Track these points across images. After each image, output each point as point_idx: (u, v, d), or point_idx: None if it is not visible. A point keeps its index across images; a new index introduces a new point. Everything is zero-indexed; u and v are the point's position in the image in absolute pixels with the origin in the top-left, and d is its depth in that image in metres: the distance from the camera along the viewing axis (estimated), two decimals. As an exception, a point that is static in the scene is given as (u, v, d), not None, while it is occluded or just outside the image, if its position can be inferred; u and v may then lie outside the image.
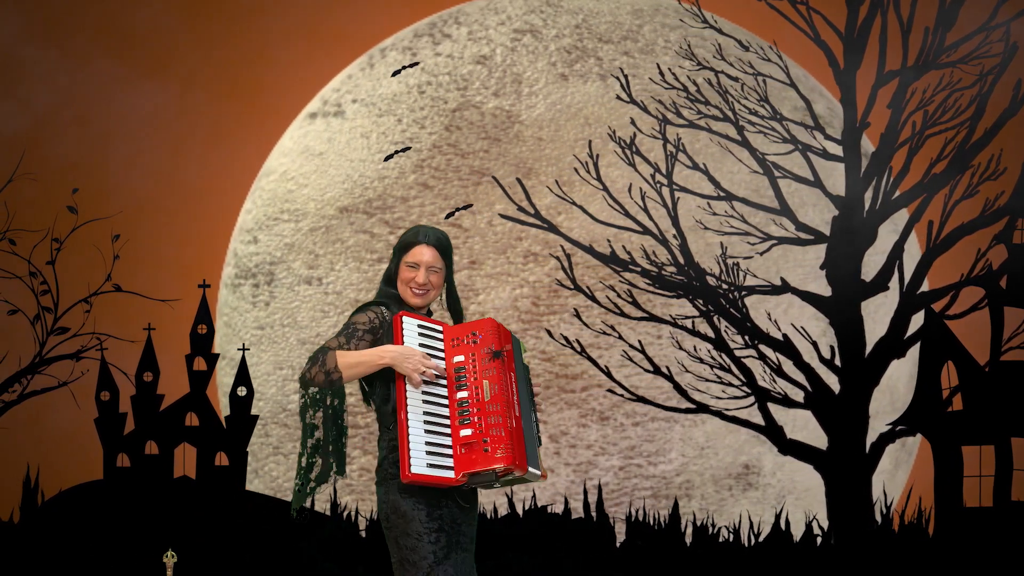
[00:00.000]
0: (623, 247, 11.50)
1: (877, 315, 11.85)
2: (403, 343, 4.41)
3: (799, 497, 12.53)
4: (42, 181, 11.70)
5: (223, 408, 11.68)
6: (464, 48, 13.18)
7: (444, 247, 4.64)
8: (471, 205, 12.25)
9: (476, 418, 4.33)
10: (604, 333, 11.63)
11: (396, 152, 12.24)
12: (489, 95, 12.96)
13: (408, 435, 4.31)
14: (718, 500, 12.30)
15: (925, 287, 11.45)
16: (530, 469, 4.42)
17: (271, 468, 12.44)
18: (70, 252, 11.76)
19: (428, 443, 4.32)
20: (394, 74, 12.47)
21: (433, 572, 4.40)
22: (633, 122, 11.63)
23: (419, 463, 4.29)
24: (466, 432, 4.33)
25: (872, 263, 12.13)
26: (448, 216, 12.22)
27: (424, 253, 4.59)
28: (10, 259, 11.75)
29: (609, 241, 11.52)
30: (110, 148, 12.53)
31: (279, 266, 12.89)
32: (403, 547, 4.43)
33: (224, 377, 12.41)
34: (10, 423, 11.69)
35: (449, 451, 4.34)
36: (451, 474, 4.32)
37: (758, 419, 11.49)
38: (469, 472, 4.32)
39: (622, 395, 11.67)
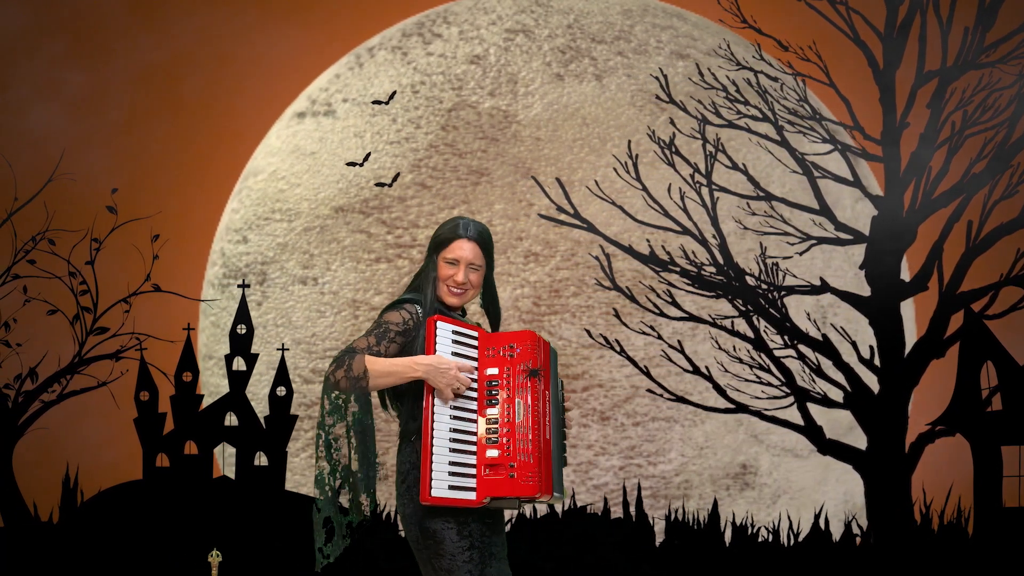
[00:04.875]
0: (662, 246, 11.50)
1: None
2: (435, 350, 4.16)
3: (794, 497, 12.54)
4: (81, 181, 11.69)
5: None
6: (456, 48, 13.16)
7: (486, 242, 4.34)
8: (399, 174, 12.28)
9: (505, 440, 4.12)
10: (644, 333, 11.63)
11: (361, 163, 12.23)
12: (485, 95, 12.95)
13: (432, 455, 4.11)
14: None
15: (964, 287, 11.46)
16: (555, 493, 4.26)
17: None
18: (109, 252, 11.74)
19: (452, 463, 4.13)
20: (374, 103, 12.47)
21: None
22: (673, 122, 11.63)
23: (440, 486, 4.10)
24: (492, 453, 4.14)
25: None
26: (383, 184, 12.23)
27: (465, 248, 4.28)
28: (50, 259, 11.72)
29: (648, 241, 11.52)
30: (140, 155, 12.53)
31: (271, 266, 12.84)
32: (439, 568, 4.24)
33: (211, 377, 12.30)
34: (49, 423, 11.66)
35: (472, 471, 4.15)
36: (472, 496, 4.15)
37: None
38: (493, 496, 4.15)
39: (661, 395, 11.67)
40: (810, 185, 11.46)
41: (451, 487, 4.09)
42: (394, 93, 12.43)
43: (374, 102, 12.53)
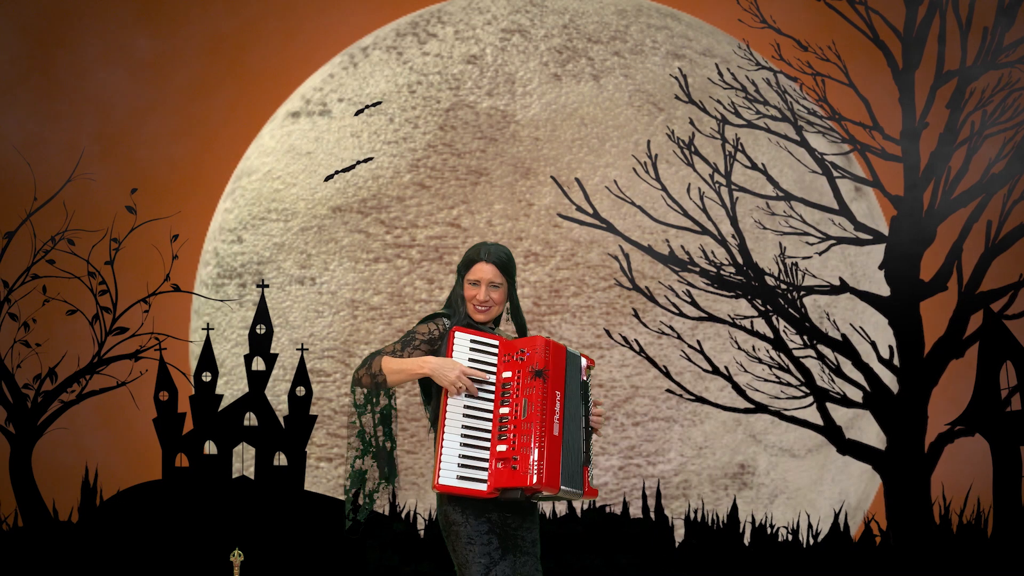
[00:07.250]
0: (681, 247, 11.50)
1: (865, 314, 11.91)
2: (452, 356, 4.54)
3: (791, 496, 12.56)
4: (101, 181, 11.69)
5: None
6: (453, 48, 13.15)
7: (505, 264, 4.73)
8: (380, 102, 12.24)
9: (512, 435, 4.44)
10: (663, 333, 11.63)
11: (339, 172, 12.23)
12: (483, 95, 12.94)
13: (442, 447, 4.45)
14: (714, 500, 12.33)
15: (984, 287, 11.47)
16: (563, 488, 4.49)
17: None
18: (129, 252, 11.74)
19: (462, 456, 4.45)
20: (357, 113, 12.44)
21: (490, 574, 4.51)
22: (692, 122, 11.64)
23: (448, 475, 4.43)
24: (502, 448, 4.45)
25: (859, 263, 12.17)
26: (358, 113, 12.19)
27: (484, 270, 4.69)
28: (69, 259, 11.72)
29: (667, 242, 11.52)
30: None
31: (268, 266, 12.82)
32: (459, 553, 4.55)
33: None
34: (69, 423, 11.66)
35: (485, 464, 4.47)
36: (483, 487, 4.45)
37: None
38: (500, 487, 4.45)
39: (681, 395, 11.67)
40: (830, 185, 11.47)
41: (459, 477, 4.42)
42: (379, 103, 12.42)
43: (357, 112, 12.50)
